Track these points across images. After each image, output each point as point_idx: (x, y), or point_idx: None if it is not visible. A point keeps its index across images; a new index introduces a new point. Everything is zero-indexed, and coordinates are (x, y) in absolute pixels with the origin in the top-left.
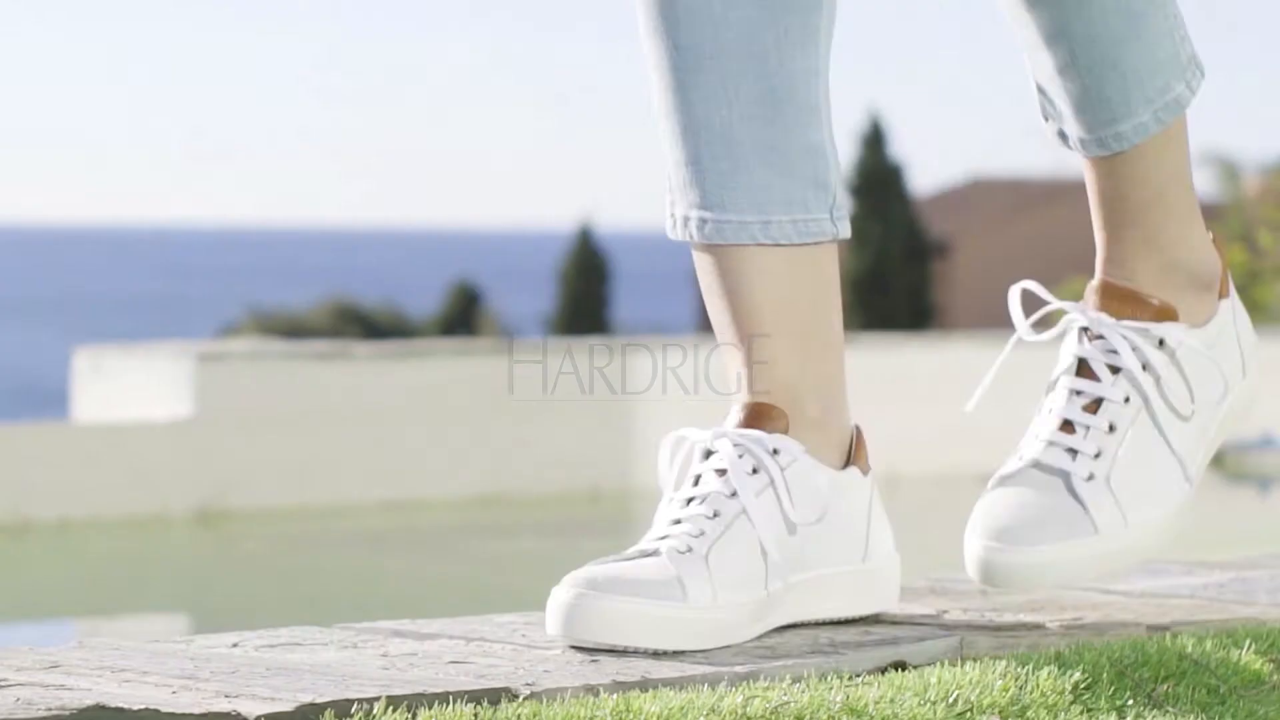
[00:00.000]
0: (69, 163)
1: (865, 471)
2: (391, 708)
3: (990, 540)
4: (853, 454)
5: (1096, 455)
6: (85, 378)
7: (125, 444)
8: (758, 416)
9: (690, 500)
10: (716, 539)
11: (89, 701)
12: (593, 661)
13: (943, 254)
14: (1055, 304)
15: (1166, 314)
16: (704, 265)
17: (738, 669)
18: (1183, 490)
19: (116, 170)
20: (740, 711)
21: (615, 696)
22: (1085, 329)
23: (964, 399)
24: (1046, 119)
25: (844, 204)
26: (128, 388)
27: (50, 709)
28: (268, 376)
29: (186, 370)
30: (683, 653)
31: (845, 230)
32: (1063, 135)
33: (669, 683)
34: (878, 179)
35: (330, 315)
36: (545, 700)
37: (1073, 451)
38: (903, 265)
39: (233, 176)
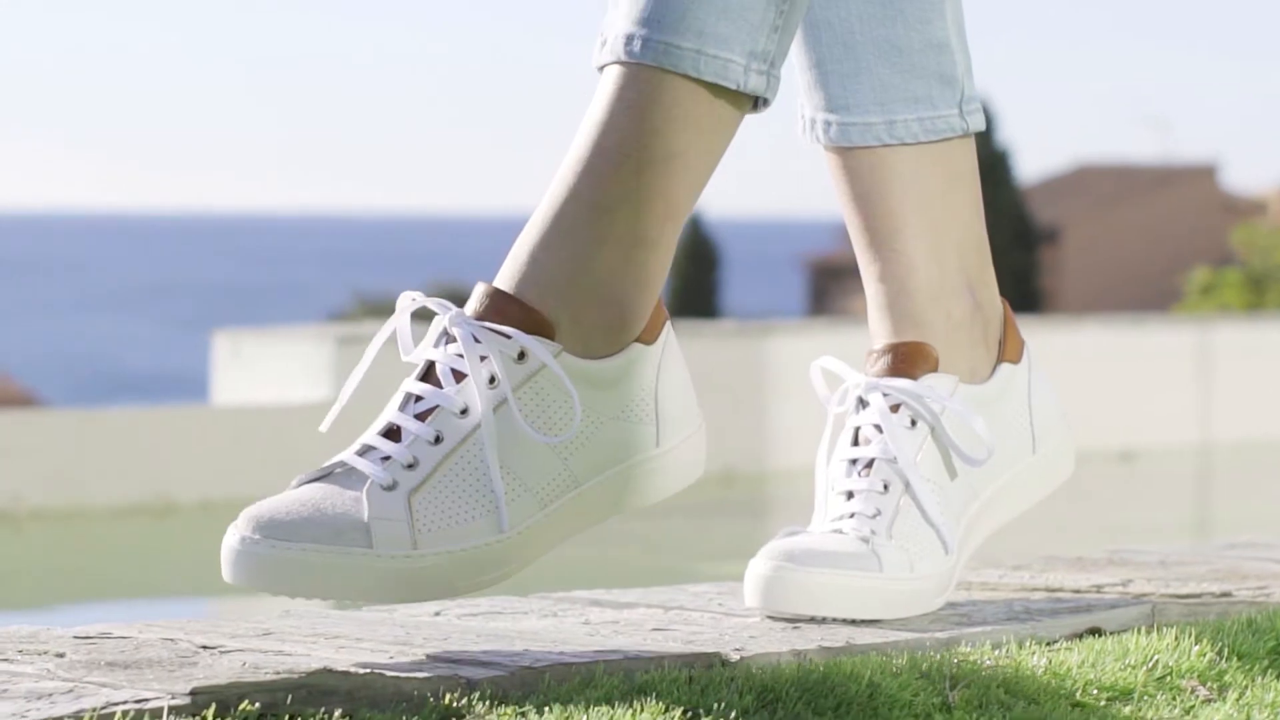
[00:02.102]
0: (178, 153)
1: (1018, 358)
2: (608, 671)
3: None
4: (1004, 345)
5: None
6: (224, 361)
7: (266, 427)
8: (906, 359)
9: (854, 464)
10: (894, 516)
11: (314, 665)
12: (795, 629)
13: (1050, 240)
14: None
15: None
16: (834, 168)
17: (938, 635)
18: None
19: (223, 158)
20: (953, 672)
21: (824, 661)
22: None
23: (1088, 381)
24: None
25: (974, 97)
26: (267, 371)
27: (278, 672)
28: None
29: (326, 353)
30: (880, 620)
31: (977, 124)
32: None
33: (872, 648)
34: (984, 165)
35: None
36: (756, 664)
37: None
38: (1010, 251)
39: (338, 163)
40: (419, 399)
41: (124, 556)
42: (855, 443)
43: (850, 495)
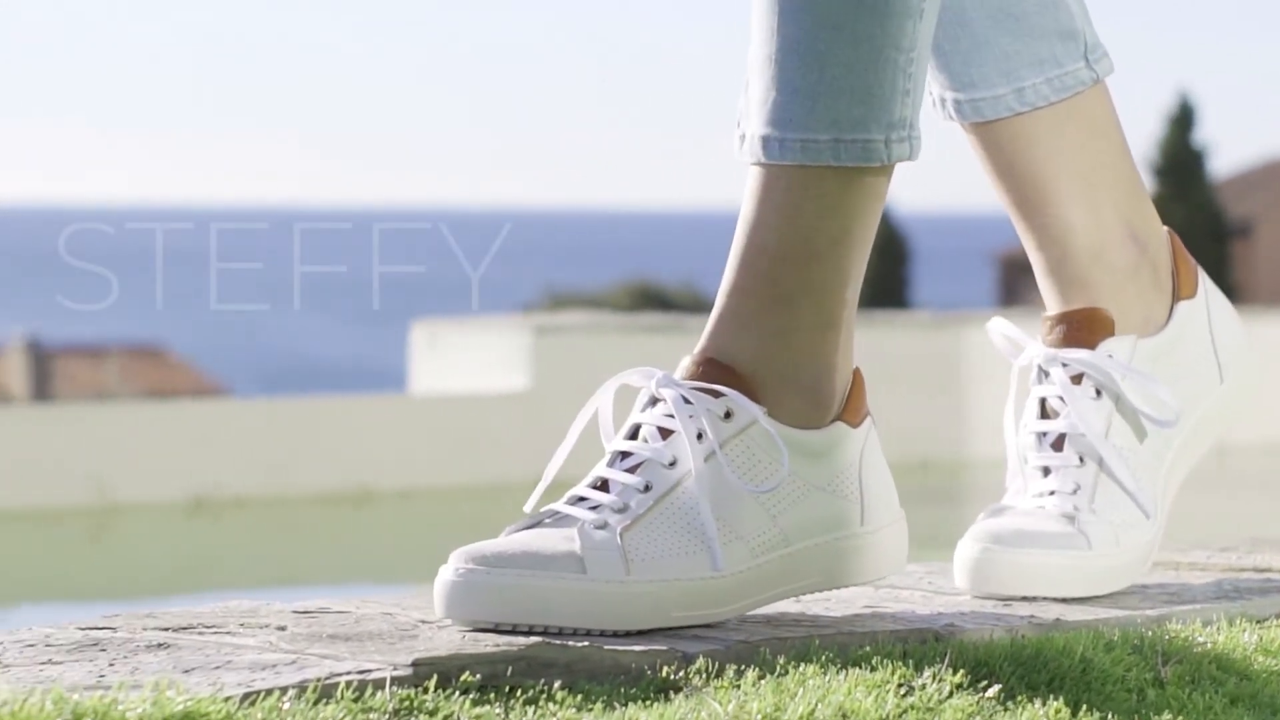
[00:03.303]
0: (371, 148)
1: (1194, 291)
2: (822, 646)
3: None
4: (1177, 278)
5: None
6: (422, 351)
7: (463, 415)
8: (1082, 327)
9: (1044, 437)
10: (1093, 489)
11: (533, 639)
12: (1006, 606)
13: (1243, 234)
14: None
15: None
16: (973, 143)
17: (1148, 613)
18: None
19: (413, 153)
20: (1164, 649)
21: (1036, 636)
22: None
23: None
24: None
25: (1097, 44)
26: (464, 360)
27: (498, 645)
28: (603, 349)
29: (523, 343)
30: (1090, 598)
31: (1105, 70)
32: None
33: (1082, 625)
34: (1181, 161)
35: (629, 296)
36: (967, 642)
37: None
38: (1203, 246)
39: (527, 157)
40: (627, 455)
41: (324, 544)
42: (1043, 415)
43: (1047, 471)
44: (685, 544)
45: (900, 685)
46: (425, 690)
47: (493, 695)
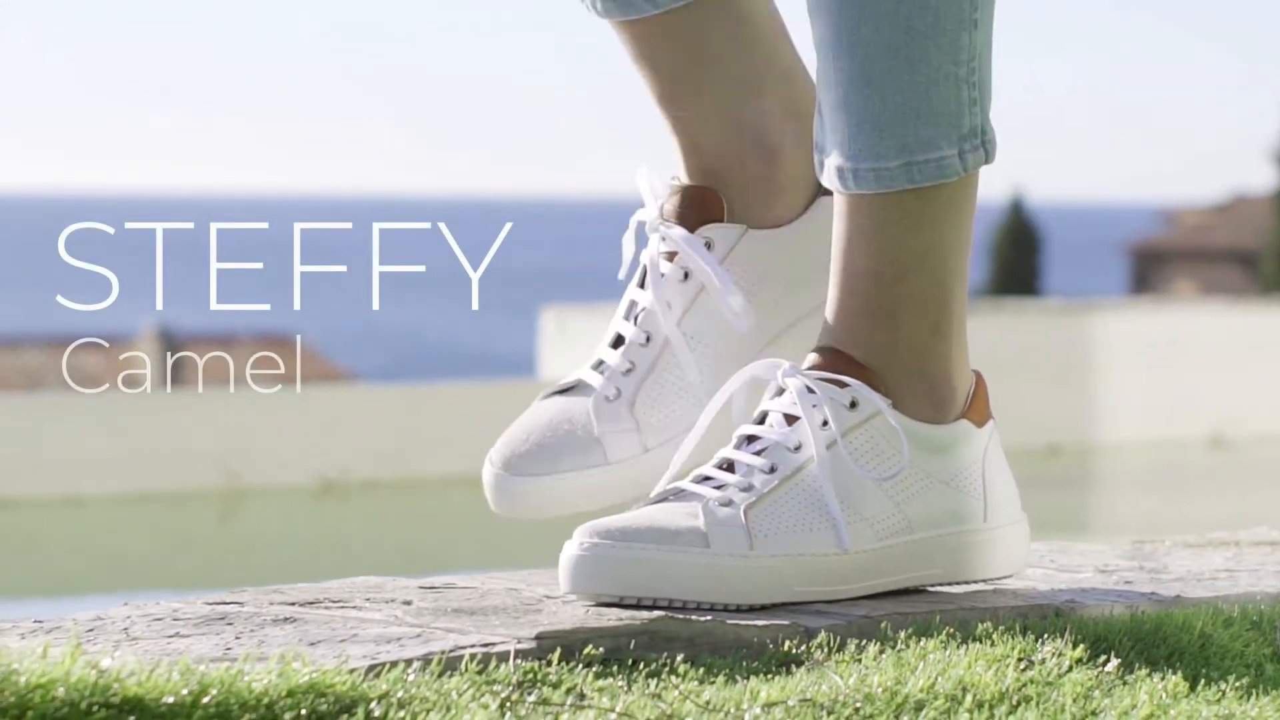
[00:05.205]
0: (500, 138)
1: (804, 206)
2: (944, 621)
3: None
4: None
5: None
6: (551, 337)
7: None
8: (692, 205)
9: (633, 306)
10: (647, 374)
11: (656, 613)
12: (1126, 583)
13: None
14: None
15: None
16: (620, 37)
17: (1267, 589)
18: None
19: (541, 142)
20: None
21: (1156, 612)
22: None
23: None
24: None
25: None
26: (593, 347)
27: (621, 619)
28: None
29: None
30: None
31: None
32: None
33: (1202, 601)
34: None
35: None
36: (1087, 618)
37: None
38: None
39: (654, 144)
40: (753, 439)
41: (450, 528)
42: (642, 285)
43: (619, 341)
44: (810, 521)
45: (1020, 660)
46: (549, 663)
47: (615, 668)
